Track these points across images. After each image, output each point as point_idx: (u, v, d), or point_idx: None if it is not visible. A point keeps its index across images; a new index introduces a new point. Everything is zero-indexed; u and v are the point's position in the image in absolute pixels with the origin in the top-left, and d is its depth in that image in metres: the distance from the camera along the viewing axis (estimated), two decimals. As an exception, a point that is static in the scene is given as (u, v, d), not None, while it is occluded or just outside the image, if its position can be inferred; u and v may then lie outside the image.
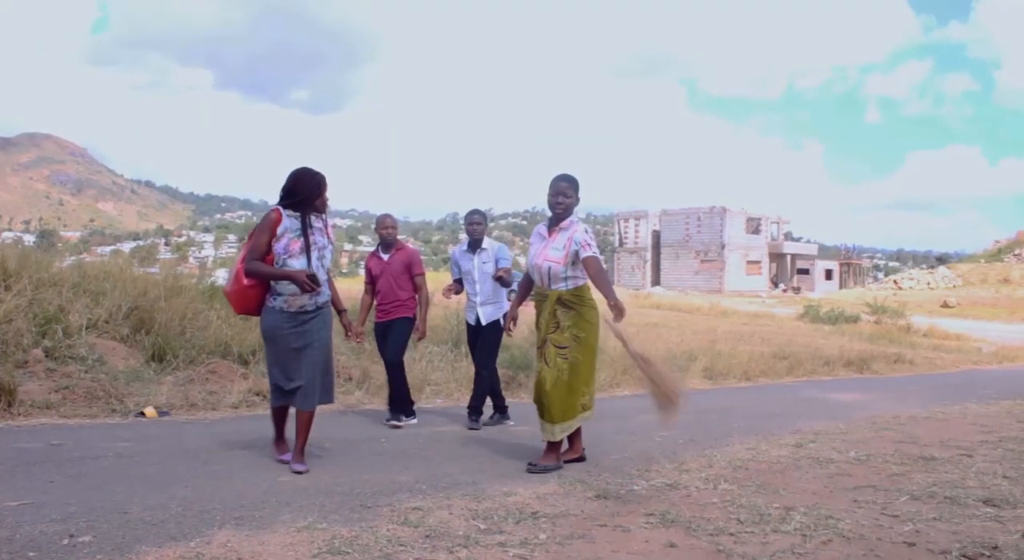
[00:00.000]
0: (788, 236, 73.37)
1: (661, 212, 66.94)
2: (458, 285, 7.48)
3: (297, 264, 4.95)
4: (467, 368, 10.33)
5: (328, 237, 5.22)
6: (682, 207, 65.61)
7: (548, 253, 5.41)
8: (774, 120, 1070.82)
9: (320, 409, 7.74)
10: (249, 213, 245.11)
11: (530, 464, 5.41)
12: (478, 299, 7.33)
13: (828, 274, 71.10)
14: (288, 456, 5.21)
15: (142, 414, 7.09)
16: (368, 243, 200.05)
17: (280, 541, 3.43)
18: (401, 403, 7.30)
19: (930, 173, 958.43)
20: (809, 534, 3.90)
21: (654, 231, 67.04)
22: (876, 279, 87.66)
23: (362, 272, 8.35)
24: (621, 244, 69.94)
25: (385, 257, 7.30)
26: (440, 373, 9.71)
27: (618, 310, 5.14)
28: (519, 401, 9.46)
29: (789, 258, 69.23)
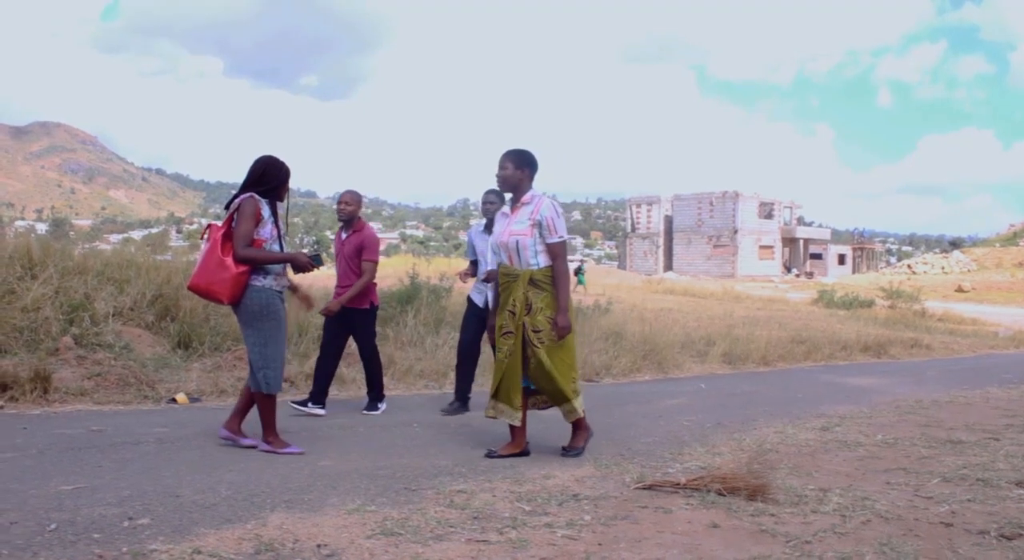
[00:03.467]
0: (800, 221, 73.19)
1: (673, 197, 66.90)
2: (474, 267, 7.33)
3: (276, 249, 5.09)
4: (489, 355, 10.41)
5: (281, 223, 5.35)
6: (694, 192, 65.56)
7: (512, 228, 5.15)
8: (785, 105, 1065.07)
9: (347, 396, 7.90)
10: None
11: (564, 449, 5.39)
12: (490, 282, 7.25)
13: (841, 259, 71.00)
14: (297, 448, 5.22)
15: (174, 400, 7.19)
16: (378, 229, 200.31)
17: (333, 523, 3.52)
18: (374, 388, 7.21)
19: (943, 157, 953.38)
20: (848, 514, 3.97)
21: (666, 216, 67.03)
22: (889, 264, 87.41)
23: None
24: (633, 229, 69.95)
25: (343, 237, 7.02)
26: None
27: (560, 328, 5.00)
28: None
29: (802, 243, 69.14)
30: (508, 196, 5.40)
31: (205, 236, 5.10)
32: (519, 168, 5.20)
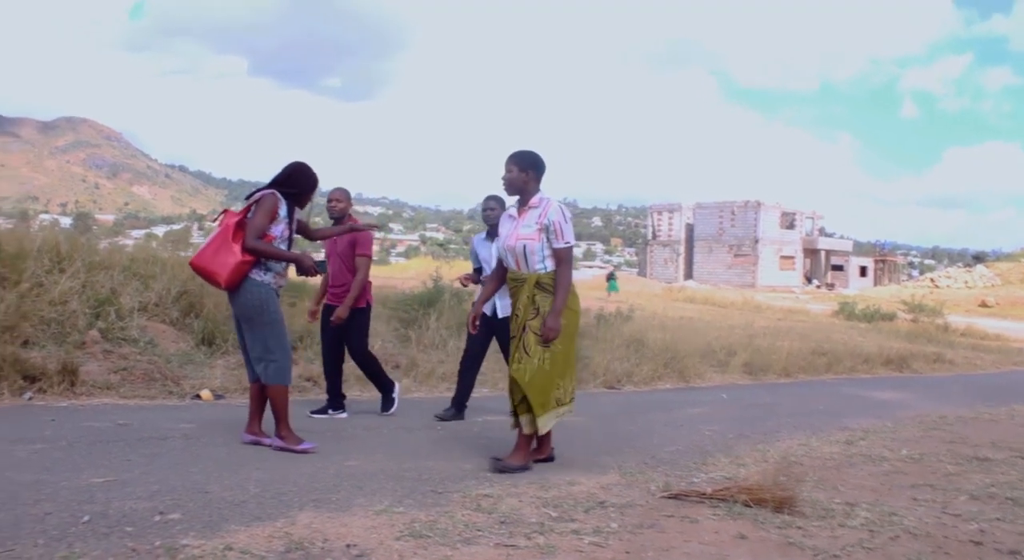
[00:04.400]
0: (822, 231, 72.81)
1: (695, 205, 66.71)
2: (476, 275, 7.14)
3: (284, 248, 5.12)
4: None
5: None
6: (716, 201, 65.34)
7: (520, 232, 4.97)
8: (807, 113, 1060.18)
9: (370, 397, 7.91)
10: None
11: (494, 459, 5.05)
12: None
13: (863, 271, 70.57)
14: (311, 444, 5.22)
15: (198, 397, 7.24)
16: (399, 231, 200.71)
17: (361, 524, 3.53)
18: (380, 384, 7.06)
19: (967, 170, 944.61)
20: (876, 529, 3.95)
21: (687, 224, 66.83)
22: (911, 276, 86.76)
23: (392, 260, 8.38)
24: (654, 237, 69.81)
25: None
26: (487, 363, 9.75)
27: (548, 330, 4.82)
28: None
29: (823, 254, 68.79)
30: (513, 200, 5.23)
31: (218, 220, 5.16)
32: (524, 170, 5.03)
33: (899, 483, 5.21)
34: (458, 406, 7.09)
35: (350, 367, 6.95)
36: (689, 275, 64.28)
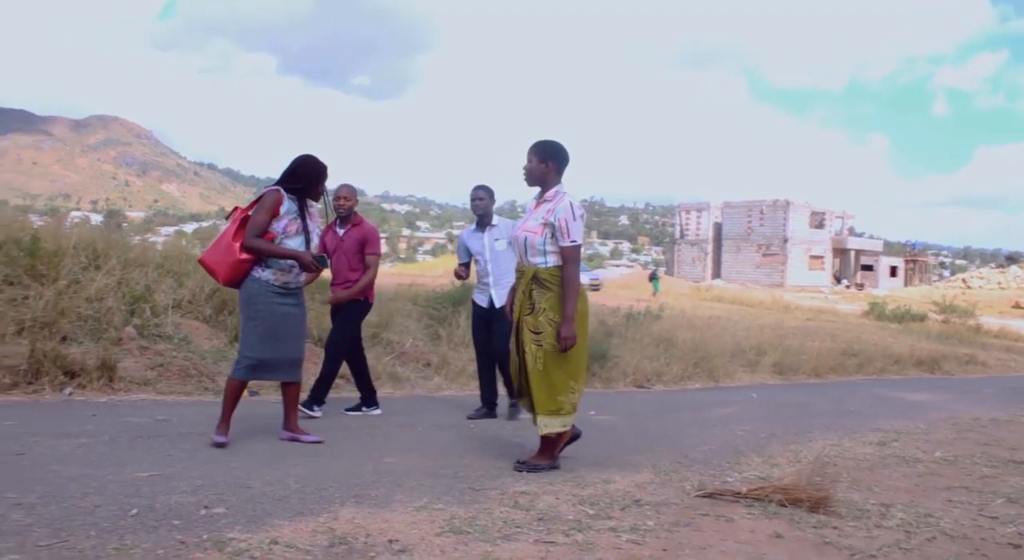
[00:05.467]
0: (852, 231, 72.24)
1: (723, 204, 66.40)
2: (464, 269, 7.07)
3: (293, 244, 5.07)
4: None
5: (317, 221, 5.38)
6: (744, 200, 65.01)
7: (527, 224, 4.90)
8: (837, 112, 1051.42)
9: (402, 394, 7.99)
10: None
11: (518, 462, 4.93)
12: (491, 280, 6.80)
13: (893, 271, 69.94)
14: (223, 438, 5.08)
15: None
16: (426, 229, 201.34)
17: (402, 520, 3.58)
18: (320, 389, 6.74)
19: (1001, 169, 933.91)
20: (912, 531, 3.95)
21: (715, 223, 66.54)
22: (942, 277, 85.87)
23: (419, 258, 8.37)
24: (682, 236, 69.56)
25: (340, 232, 6.75)
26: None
27: (563, 339, 4.65)
28: (592, 390, 9.58)
29: (853, 254, 68.26)
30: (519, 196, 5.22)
31: (229, 216, 5.21)
32: (543, 161, 4.91)
33: (934, 485, 5.20)
34: (488, 404, 7.06)
35: (381, 365, 6.99)
36: (717, 274, 64.01)
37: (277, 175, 5.27)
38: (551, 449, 4.96)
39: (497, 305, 6.65)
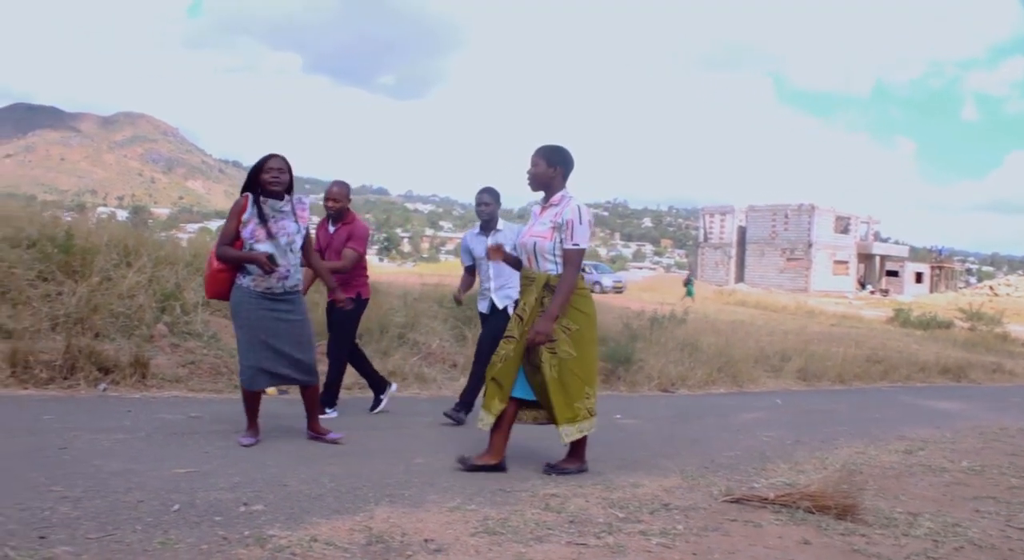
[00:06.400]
0: (877, 236, 71.74)
1: (748, 208, 66.11)
2: (470, 278, 6.91)
3: (262, 248, 5.00)
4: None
5: (299, 221, 5.17)
6: (769, 204, 64.68)
7: (535, 229, 4.85)
8: (864, 116, 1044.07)
9: (429, 395, 8.06)
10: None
11: (547, 466, 4.98)
12: (492, 284, 6.52)
13: (918, 277, 69.40)
14: (251, 439, 5.16)
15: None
16: (449, 229, 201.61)
17: (437, 520, 3.66)
18: (330, 390, 6.70)
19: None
20: (940, 540, 3.98)
21: (739, 227, 66.25)
22: (968, 283, 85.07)
23: (442, 257, 8.32)
24: (706, 239, 69.30)
25: (331, 230, 6.70)
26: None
27: (535, 334, 4.63)
28: (617, 393, 9.63)
29: (878, 259, 67.79)
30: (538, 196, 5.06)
31: None
32: (551, 165, 4.86)
33: (961, 495, 5.21)
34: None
35: (408, 365, 7.02)
36: (740, 278, 63.73)
37: (301, 173, 5.27)
38: (580, 453, 5.00)
39: (499, 306, 6.46)
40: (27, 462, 4.17)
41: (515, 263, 5.19)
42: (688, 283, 41.23)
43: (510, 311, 6.06)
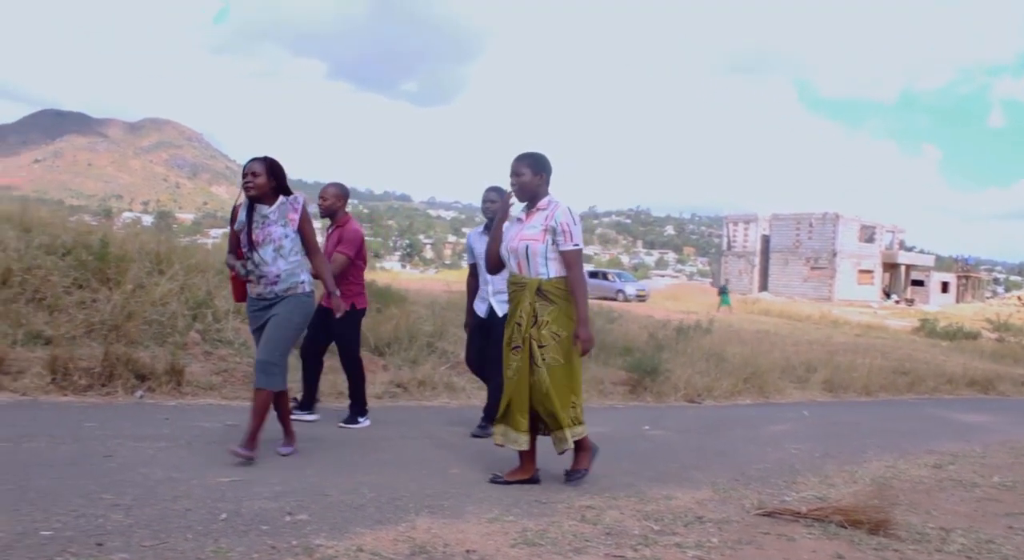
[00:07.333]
0: (902, 245, 71.17)
1: (771, 216, 65.81)
2: (475, 281, 6.66)
3: (254, 254, 4.94)
4: (595, 369, 10.55)
5: (288, 224, 4.97)
6: (793, 212, 64.38)
7: (524, 233, 4.78)
8: (889, 123, 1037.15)
9: (458, 404, 8.11)
10: (355, 201, 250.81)
11: (568, 472, 4.99)
12: (491, 288, 6.35)
13: (944, 287, 68.77)
14: (288, 448, 5.19)
15: (295, 400, 7.49)
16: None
17: (476, 530, 3.74)
18: (356, 399, 6.62)
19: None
20: (973, 556, 4.01)
21: (763, 235, 65.96)
22: (995, 293, 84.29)
23: (464, 264, 8.24)
24: (729, 247, 69.04)
25: (328, 232, 6.59)
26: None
27: (583, 342, 4.67)
28: (644, 404, 9.66)
29: (903, 268, 67.27)
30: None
31: None
32: (537, 173, 4.84)
33: (993, 511, 5.22)
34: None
35: (437, 374, 7.05)
36: (764, 287, 63.45)
37: (324, 179, 5.25)
38: (586, 452, 5.01)
39: (499, 313, 6.16)
40: (76, 469, 4.28)
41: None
42: (723, 292, 41.10)
43: None
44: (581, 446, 4.96)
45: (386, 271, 56.08)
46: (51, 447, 4.77)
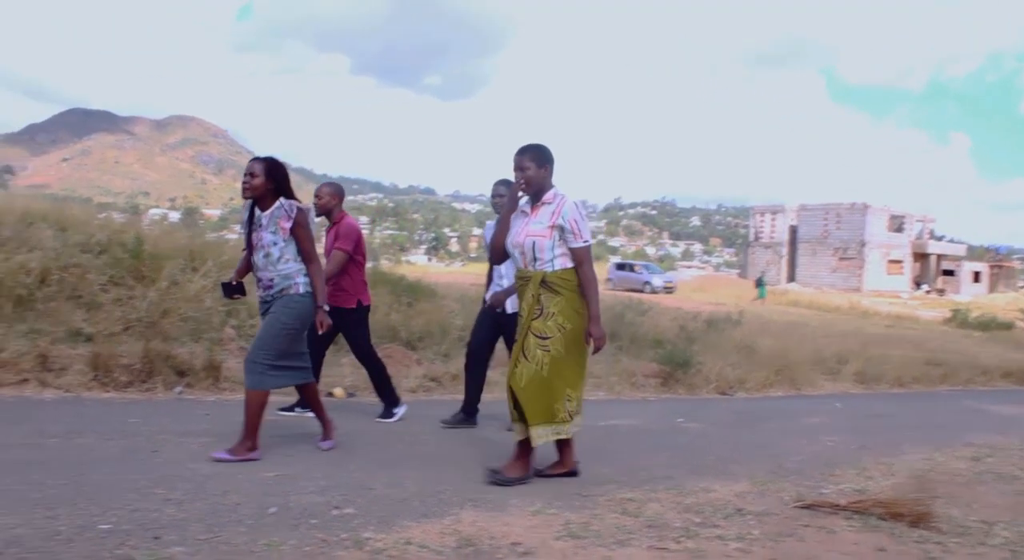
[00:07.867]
0: (932, 234, 70.42)
1: (799, 207, 65.32)
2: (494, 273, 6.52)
3: (253, 258, 4.98)
4: (627, 362, 10.58)
5: (281, 233, 4.88)
6: (821, 202, 63.85)
7: (530, 228, 4.67)
8: (918, 111, 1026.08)
9: (490, 398, 8.15)
10: (380, 195, 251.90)
11: (491, 471, 4.74)
12: (505, 282, 6.31)
13: (976, 276, 67.96)
14: (329, 443, 5.23)
15: (331, 394, 7.57)
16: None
17: (521, 523, 3.79)
18: (383, 393, 6.62)
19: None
20: (1017, 550, 3.99)
21: (791, 226, 65.50)
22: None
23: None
24: (756, 238, 68.65)
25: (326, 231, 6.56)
26: (600, 366, 9.93)
27: (596, 340, 4.58)
28: (677, 396, 9.68)
29: (933, 258, 66.56)
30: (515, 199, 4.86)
31: None
32: (541, 166, 4.71)
33: (1034, 504, 5.19)
34: (468, 411, 6.61)
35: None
36: (792, 278, 63.04)
37: (349, 174, 5.28)
38: (527, 459, 4.79)
39: (510, 309, 6.15)
40: (126, 465, 4.38)
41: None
42: (760, 283, 40.91)
43: None
44: (528, 449, 4.76)
45: (412, 265, 56.24)
46: (101, 443, 4.88)
